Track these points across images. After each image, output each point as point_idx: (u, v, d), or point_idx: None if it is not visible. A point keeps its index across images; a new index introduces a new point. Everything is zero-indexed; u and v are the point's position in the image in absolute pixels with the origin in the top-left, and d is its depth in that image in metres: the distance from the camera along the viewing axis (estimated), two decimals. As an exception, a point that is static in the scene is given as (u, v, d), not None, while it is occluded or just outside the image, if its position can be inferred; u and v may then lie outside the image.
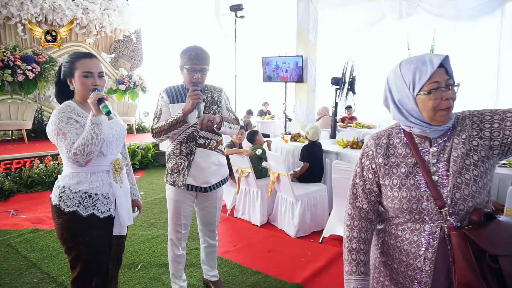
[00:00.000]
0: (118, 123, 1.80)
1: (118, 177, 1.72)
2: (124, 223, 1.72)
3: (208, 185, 2.24)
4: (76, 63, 1.64)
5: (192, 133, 2.17)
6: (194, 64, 2.09)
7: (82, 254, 1.63)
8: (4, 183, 4.67)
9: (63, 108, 1.63)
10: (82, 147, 1.51)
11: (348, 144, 4.25)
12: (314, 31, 6.07)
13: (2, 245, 3.17)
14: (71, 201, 1.61)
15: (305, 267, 2.87)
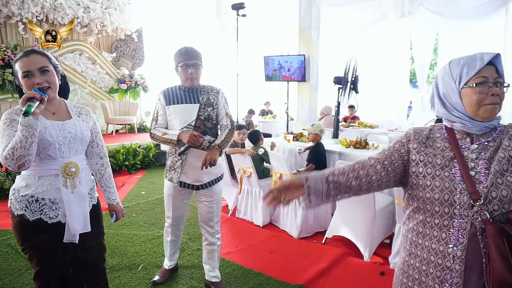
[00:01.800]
0: (74, 125, 1.68)
1: (69, 182, 1.61)
2: (75, 231, 1.62)
3: (200, 183, 2.33)
4: (16, 65, 1.57)
5: None
6: (186, 60, 2.20)
7: (33, 256, 1.62)
8: (5, 182, 4.64)
9: (13, 109, 1.58)
10: (11, 150, 1.41)
11: (351, 144, 4.21)
12: (316, 30, 6.02)
13: (2, 245, 3.14)
14: (19, 204, 1.58)
15: (307, 268, 2.84)
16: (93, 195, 1.79)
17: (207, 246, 2.51)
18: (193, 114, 2.26)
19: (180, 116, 2.26)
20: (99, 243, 1.82)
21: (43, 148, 1.55)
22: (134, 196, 4.78)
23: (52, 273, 1.65)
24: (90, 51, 8.56)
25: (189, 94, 2.31)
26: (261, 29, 9.36)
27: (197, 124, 2.27)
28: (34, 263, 1.63)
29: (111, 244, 3.18)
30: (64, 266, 1.69)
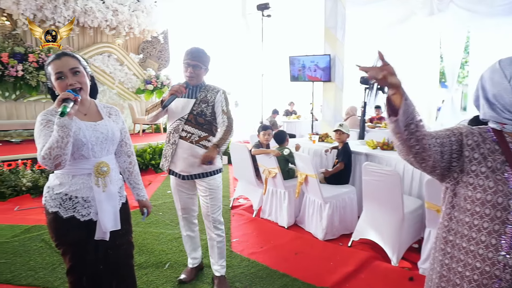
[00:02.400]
0: (106, 125, 1.72)
1: (101, 181, 1.65)
2: (106, 228, 1.66)
3: (186, 174, 2.41)
4: (49, 68, 1.61)
5: (177, 125, 2.38)
6: (188, 59, 2.35)
7: (66, 253, 1.67)
8: (39, 179, 4.83)
9: (48, 110, 1.62)
10: (48, 150, 1.44)
11: (378, 145, 4.13)
12: (342, 29, 5.94)
13: (37, 240, 3.27)
14: (54, 202, 1.62)
15: (333, 271, 2.80)
16: (122, 193, 1.83)
17: (209, 240, 2.56)
18: (187, 108, 2.38)
19: (177, 108, 2.40)
20: (128, 241, 1.86)
21: (77, 148, 1.59)
22: (160, 195, 4.87)
23: (84, 269, 1.70)
24: (118, 53, 8.79)
25: (190, 90, 2.42)
26: (286, 29, 9.32)
27: (189, 118, 2.37)
28: (67, 259, 1.68)
29: (139, 242, 3.25)
30: (95, 262, 1.74)
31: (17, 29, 7.42)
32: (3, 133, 7.31)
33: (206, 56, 2.42)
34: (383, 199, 2.98)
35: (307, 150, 4.61)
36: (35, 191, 4.77)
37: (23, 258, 2.93)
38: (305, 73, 6.16)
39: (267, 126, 4.17)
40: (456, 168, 1.11)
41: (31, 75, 6.82)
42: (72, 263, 1.67)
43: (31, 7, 7.26)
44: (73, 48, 8.00)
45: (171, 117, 2.45)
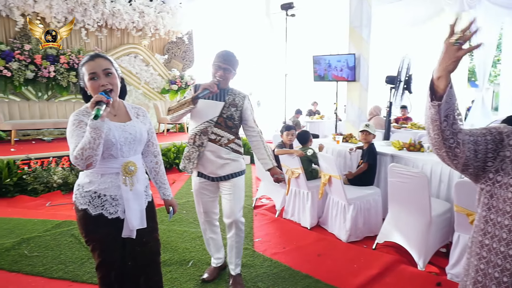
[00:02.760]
0: (134, 126, 1.76)
1: (128, 180, 1.70)
2: (133, 226, 1.70)
3: (215, 176, 2.43)
4: (83, 68, 1.66)
5: (206, 128, 2.36)
6: (219, 62, 2.35)
7: (95, 249, 1.71)
8: (69, 177, 5.01)
9: (80, 110, 1.66)
10: (81, 151, 1.49)
11: (404, 146, 4.04)
12: (367, 28, 5.84)
13: (67, 235, 3.39)
14: (83, 199, 1.67)
15: (357, 274, 2.76)
16: (148, 192, 1.87)
17: (228, 239, 2.58)
18: (217, 110, 2.37)
19: (205, 110, 2.37)
20: (154, 238, 1.90)
21: (106, 148, 1.64)
22: (184, 194, 4.94)
23: (112, 265, 1.75)
24: (144, 54, 8.98)
25: (218, 93, 2.39)
26: (309, 29, 9.25)
27: (219, 120, 2.37)
28: (96, 255, 1.73)
29: (163, 240, 3.32)
30: (123, 259, 1.79)
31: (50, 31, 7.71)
32: (36, 132, 7.63)
33: (236, 60, 2.43)
34: (410, 201, 2.91)
35: (331, 150, 4.57)
36: (65, 188, 4.95)
37: (54, 252, 3.05)
38: (330, 73, 6.09)
39: (290, 126, 4.15)
40: (492, 168, 1.06)
41: (62, 76, 7.08)
42: (101, 259, 1.72)
43: (63, 10, 7.54)
44: (101, 50, 8.24)
45: (196, 118, 2.41)
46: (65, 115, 7.44)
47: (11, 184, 4.70)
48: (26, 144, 6.54)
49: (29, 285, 2.54)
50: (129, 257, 1.82)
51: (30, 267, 2.78)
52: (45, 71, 6.84)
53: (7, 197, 4.64)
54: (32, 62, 6.75)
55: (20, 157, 5.02)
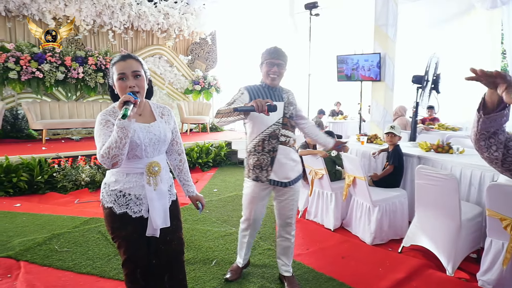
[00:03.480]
0: (158, 127, 1.77)
1: (152, 180, 1.72)
2: (156, 225, 1.72)
3: (288, 180, 2.34)
4: (113, 68, 1.68)
5: (274, 131, 2.27)
6: (272, 58, 2.26)
7: (121, 246, 1.74)
8: (96, 175, 5.15)
9: (107, 110, 1.69)
10: (107, 150, 1.51)
11: (432, 148, 3.92)
12: (393, 27, 5.72)
13: (94, 232, 3.49)
14: (109, 197, 1.71)
15: (383, 277, 2.70)
16: (172, 191, 1.89)
17: (283, 242, 2.54)
18: (280, 111, 2.28)
19: None
20: (178, 237, 1.92)
21: (131, 149, 1.66)
22: (207, 193, 4.98)
23: (137, 262, 1.78)
24: (168, 55, 9.14)
25: (273, 92, 2.34)
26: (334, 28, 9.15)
27: (284, 121, 2.30)
28: (122, 252, 1.77)
29: (187, 238, 3.36)
30: (148, 257, 1.82)
31: (79, 34, 7.97)
32: (65, 131, 7.90)
33: (287, 55, 2.33)
34: (438, 204, 2.83)
35: (355, 151, 4.50)
36: (93, 186, 5.09)
37: (83, 248, 3.14)
38: (358, 73, 6.00)
39: (314, 126, 4.11)
40: None
41: (90, 77, 7.30)
42: (127, 256, 1.76)
43: (91, 13, 7.77)
44: (127, 51, 8.44)
45: (260, 123, 2.27)
46: (93, 115, 7.66)
47: (42, 182, 4.88)
48: (56, 143, 6.79)
49: (60, 280, 2.63)
50: (154, 255, 1.85)
51: (60, 262, 2.87)
52: (74, 72, 7.07)
53: (39, 193, 4.82)
54: (62, 64, 6.99)
55: (51, 155, 5.21)
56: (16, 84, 6.73)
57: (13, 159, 4.86)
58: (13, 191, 4.70)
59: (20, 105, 7.27)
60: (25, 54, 6.66)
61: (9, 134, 7.17)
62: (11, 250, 3.04)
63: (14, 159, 4.88)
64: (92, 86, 7.44)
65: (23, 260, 2.87)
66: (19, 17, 7.24)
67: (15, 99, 7.31)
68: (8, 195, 4.66)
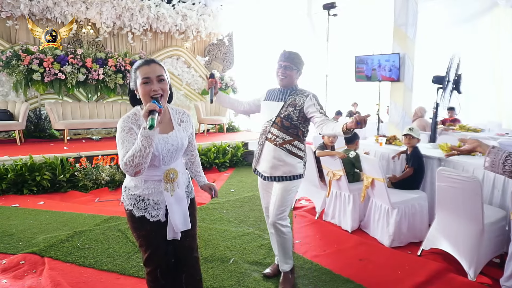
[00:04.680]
0: (176, 137, 1.78)
1: (169, 186, 1.76)
2: (177, 228, 1.77)
3: (267, 175, 2.48)
4: (137, 72, 1.69)
5: (266, 127, 2.47)
6: (280, 61, 2.44)
7: (142, 245, 1.82)
8: (115, 174, 5.26)
9: (128, 117, 1.69)
10: (131, 158, 1.52)
11: (453, 149, 3.83)
12: (413, 27, 5.62)
13: (114, 230, 3.56)
14: (129, 201, 1.77)
15: (402, 280, 2.66)
16: (189, 190, 1.95)
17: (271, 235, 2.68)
18: (276, 110, 2.43)
19: (266, 111, 2.51)
20: (192, 234, 1.95)
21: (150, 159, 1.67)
22: (224, 193, 5.02)
23: (157, 261, 1.83)
24: (186, 56, 9.24)
25: (281, 93, 2.49)
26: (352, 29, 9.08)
27: (276, 120, 2.42)
28: (143, 251, 1.82)
29: (204, 237, 3.39)
30: (167, 256, 1.87)
31: (99, 36, 8.15)
32: (86, 131, 8.08)
33: (299, 59, 2.45)
34: (460, 207, 2.77)
35: (373, 152, 4.45)
36: (112, 185, 5.20)
37: (104, 245, 3.22)
38: (379, 73, 5.93)
39: (331, 127, 4.08)
40: None
41: (110, 78, 7.46)
42: (147, 255, 1.81)
43: (111, 16, 7.94)
44: (146, 52, 8.58)
45: (262, 119, 2.54)
46: (112, 115, 7.82)
47: (64, 180, 5.02)
48: (77, 143, 6.96)
49: (81, 276, 2.70)
50: (172, 254, 1.90)
51: (82, 259, 2.95)
52: (94, 74, 7.24)
53: (61, 192, 4.96)
54: (83, 65, 7.16)
55: (72, 155, 5.34)
56: (39, 85, 6.94)
57: (37, 158, 5.01)
58: (36, 189, 4.85)
59: (43, 106, 7.49)
60: (48, 56, 6.85)
61: (33, 134, 7.39)
62: (36, 246, 3.14)
63: (37, 158, 5.03)
64: (112, 87, 7.60)
65: (47, 256, 2.96)
66: (42, 20, 7.45)
67: (38, 100, 7.52)
68: (32, 193, 4.80)
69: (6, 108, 6.79)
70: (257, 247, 3.23)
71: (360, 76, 6.25)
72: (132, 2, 8.04)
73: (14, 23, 7.20)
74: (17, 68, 6.65)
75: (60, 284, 2.51)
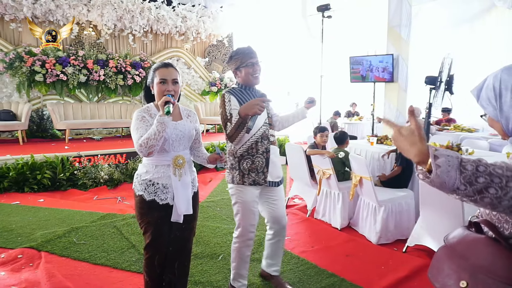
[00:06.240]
0: (184, 125, 2.02)
1: (177, 171, 1.95)
2: (181, 211, 1.95)
3: (279, 178, 2.41)
4: (156, 72, 1.95)
5: (264, 131, 2.27)
6: (251, 58, 2.23)
7: (147, 231, 1.98)
8: (114, 173, 5.38)
9: (142, 109, 1.98)
10: (146, 140, 1.79)
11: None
12: (407, 28, 5.69)
13: (110, 226, 3.68)
14: (140, 186, 1.96)
15: (384, 275, 2.75)
16: (194, 184, 2.13)
17: (277, 243, 2.54)
18: (264, 112, 2.28)
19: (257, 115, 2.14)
20: (191, 227, 2.14)
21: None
22: (220, 192, 5.12)
23: (158, 247, 2.00)
24: (186, 57, 9.36)
25: (253, 93, 2.31)
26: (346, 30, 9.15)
27: (269, 121, 2.34)
28: (146, 237, 2.00)
29: (197, 234, 3.46)
30: (167, 243, 2.04)
31: (101, 38, 8.29)
32: (87, 131, 8.23)
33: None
34: (442, 204, 2.85)
35: (365, 152, 4.53)
36: (111, 184, 5.32)
37: (99, 241, 3.33)
38: (372, 74, 6.01)
39: (324, 127, 4.17)
40: None
41: (111, 79, 7.60)
42: (149, 240, 1.99)
43: (112, 18, 8.08)
44: (146, 54, 8.71)
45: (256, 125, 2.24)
46: (113, 115, 7.96)
47: (64, 179, 5.15)
48: (78, 143, 7.10)
49: (76, 269, 2.81)
50: (170, 242, 2.06)
51: (77, 253, 3.06)
52: (95, 75, 7.38)
53: (61, 190, 5.09)
54: (84, 67, 7.31)
55: (72, 154, 5.48)
56: (42, 86, 7.09)
57: (38, 157, 5.15)
58: (37, 187, 4.98)
59: (45, 106, 7.64)
60: (50, 57, 7.00)
61: (35, 134, 7.54)
62: (34, 241, 3.26)
63: (38, 157, 5.16)
64: (113, 88, 7.74)
65: (44, 250, 3.08)
66: (45, 22, 7.61)
67: (40, 100, 7.68)
68: (33, 191, 4.94)
69: (10, 108, 6.94)
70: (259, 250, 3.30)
71: (355, 77, 6.33)
72: (133, 4, 8.18)
73: (18, 26, 7.36)
74: (20, 69, 6.80)
75: (55, 276, 2.63)
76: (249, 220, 2.29)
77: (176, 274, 2.10)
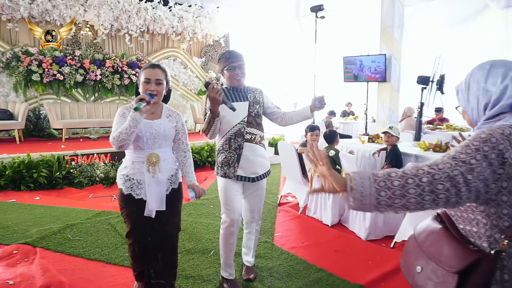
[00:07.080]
0: (160, 124, 2.08)
1: (151, 168, 2.04)
2: (152, 207, 2.04)
3: (256, 175, 2.45)
4: (143, 72, 2.03)
5: (239, 129, 2.37)
6: (231, 63, 2.35)
7: (126, 221, 2.14)
8: (110, 172, 5.44)
9: (126, 106, 2.09)
10: (118, 134, 1.89)
11: (430, 147, 4.00)
12: (400, 28, 5.78)
13: (105, 223, 3.74)
14: (120, 180, 2.09)
15: (371, 270, 2.82)
16: (173, 180, 2.19)
17: (250, 234, 2.71)
18: (244, 110, 2.39)
19: (233, 113, 2.29)
20: (172, 222, 2.21)
21: (135, 140, 2.01)
22: (214, 190, 5.19)
23: (136, 236, 2.14)
24: (183, 57, 9.42)
25: (238, 93, 2.43)
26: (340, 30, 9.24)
27: (249, 120, 2.39)
28: (126, 225, 2.16)
29: (189, 230, 3.56)
30: (144, 234, 2.16)
31: (98, 38, 8.34)
32: (84, 130, 8.28)
33: (242, 54, 2.43)
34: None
35: (356, 150, 4.60)
36: (107, 182, 5.38)
37: (93, 237, 3.39)
38: (364, 74, 6.10)
39: (314, 127, 4.24)
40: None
41: (107, 79, 7.65)
42: (128, 230, 2.14)
43: (109, 18, 8.13)
44: (143, 54, 8.76)
45: (227, 123, 2.37)
46: (110, 115, 8.01)
47: (60, 177, 5.20)
48: (75, 142, 7.16)
49: (70, 264, 2.87)
50: (149, 233, 2.17)
51: (72, 249, 3.13)
52: (92, 75, 7.43)
53: (57, 188, 5.15)
54: (81, 67, 7.36)
55: (69, 153, 5.53)
56: (38, 86, 7.15)
57: (34, 156, 5.20)
58: (33, 185, 5.04)
59: (42, 106, 7.69)
60: (47, 57, 7.06)
61: (32, 133, 7.59)
62: (29, 237, 3.32)
63: (35, 156, 5.22)
64: (109, 88, 7.79)
65: (39, 246, 3.14)
66: (42, 22, 7.66)
67: (37, 100, 7.73)
68: (29, 189, 4.99)
69: (7, 108, 6.99)
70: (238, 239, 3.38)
71: (349, 76, 6.41)
72: (129, 4, 8.24)
73: (15, 26, 7.41)
74: (17, 69, 6.85)
75: (49, 270, 2.69)
76: (227, 205, 2.45)
77: (160, 264, 2.20)
